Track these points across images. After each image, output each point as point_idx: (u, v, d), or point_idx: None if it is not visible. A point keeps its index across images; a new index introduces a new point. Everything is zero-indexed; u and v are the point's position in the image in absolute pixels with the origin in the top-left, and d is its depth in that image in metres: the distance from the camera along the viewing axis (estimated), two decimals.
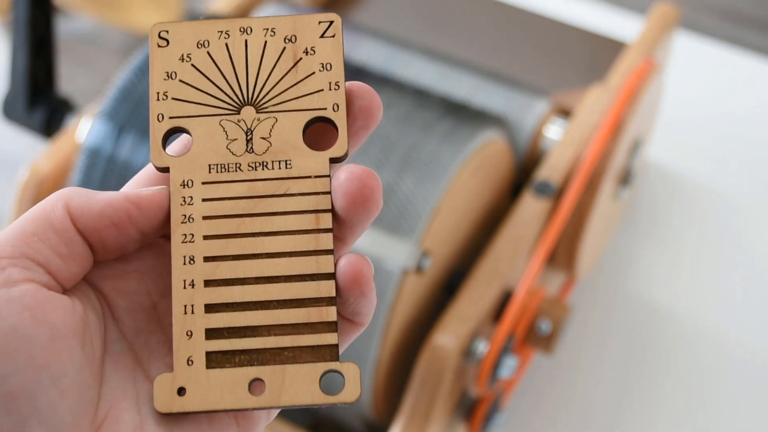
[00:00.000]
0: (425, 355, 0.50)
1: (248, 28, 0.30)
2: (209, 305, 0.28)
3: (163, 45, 0.30)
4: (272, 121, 0.29)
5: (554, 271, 0.63)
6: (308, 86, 0.30)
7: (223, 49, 0.30)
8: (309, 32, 0.30)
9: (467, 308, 0.52)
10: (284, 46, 0.30)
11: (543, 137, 0.63)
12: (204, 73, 0.30)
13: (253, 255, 0.28)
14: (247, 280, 0.28)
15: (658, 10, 0.70)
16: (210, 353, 0.28)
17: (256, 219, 0.29)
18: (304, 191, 0.29)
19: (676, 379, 0.67)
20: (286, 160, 0.29)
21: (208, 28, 0.30)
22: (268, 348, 0.28)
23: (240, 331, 0.28)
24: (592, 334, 0.69)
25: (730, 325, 0.71)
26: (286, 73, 0.30)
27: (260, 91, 0.30)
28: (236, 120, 0.29)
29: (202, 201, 0.29)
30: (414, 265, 0.50)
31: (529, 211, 0.56)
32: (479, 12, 0.78)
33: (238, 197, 0.29)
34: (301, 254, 0.28)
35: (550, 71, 0.73)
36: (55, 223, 0.27)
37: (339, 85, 0.29)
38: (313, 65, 0.30)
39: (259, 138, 0.29)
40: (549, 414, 0.65)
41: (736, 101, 0.87)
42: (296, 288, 0.28)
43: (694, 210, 0.78)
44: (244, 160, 0.29)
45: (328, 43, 0.30)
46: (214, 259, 0.28)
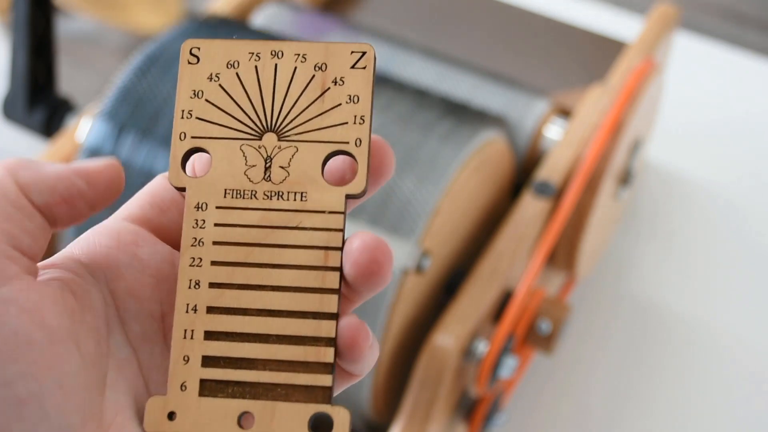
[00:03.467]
0: (425, 355, 0.50)
1: (280, 52, 0.29)
2: (209, 332, 0.28)
3: (193, 62, 0.29)
4: (293, 150, 0.29)
5: (554, 271, 0.63)
6: (333, 118, 0.29)
7: (252, 72, 0.29)
8: (340, 61, 0.29)
9: (467, 308, 0.52)
10: (314, 73, 0.29)
11: (543, 137, 0.63)
12: (230, 95, 0.29)
13: (258, 286, 0.28)
14: (250, 311, 0.28)
15: (658, 10, 0.70)
16: (204, 381, 0.28)
17: (266, 250, 0.28)
18: (316, 226, 0.28)
19: (676, 378, 0.67)
20: (302, 192, 0.29)
21: (240, 49, 0.29)
22: (262, 382, 0.28)
23: (236, 362, 0.28)
24: (592, 334, 0.69)
25: (730, 324, 0.71)
26: (312, 102, 0.29)
27: (284, 118, 0.29)
28: (257, 146, 0.29)
29: (214, 225, 0.28)
30: (414, 265, 0.50)
31: (529, 211, 0.56)
32: (479, 12, 0.78)
33: (250, 225, 0.28)
34: (306, 290, 0.28)
35: (550, 71, 0.73)
36: (11, 198, 0.26)
37: (364, 119, 0.29)
38: (341, 96, 0.29)
39: (277, 167, 0.29)
40: (549, 414, 0.65)
41: (736, 101, 0.87)
42: (297, 324, 0.28)
43: (694, 210, 0.78)
44: (261, 188, 0.29)
45: (358, 75, 0.29)
46: (219, 286, 0.28)
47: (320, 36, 0.67)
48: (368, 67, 0.29)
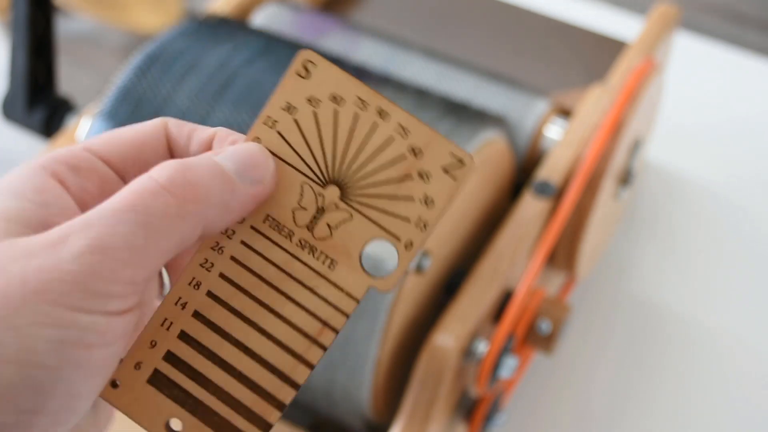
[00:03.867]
0: (425, 355, 0.50)
1: (386, 114, 0.28)
2: (185, 334, 0.28)
3: (302, 75, 0.28)
4: (347, 215, 0.28)
5: (554, 271, 0.63)
6: (400, 208, 0.28)
7: (350, 118, 0.28)
8: (436, 156, 0.28)
9: (467, 308, 0.52)
10: (405, 154, 0.28)
11: (543, 137, 0.63)
12: (320, 128, 0.28)
13: (249, 321, 0.28)
14: (230, 338, 0.28)
15: (658, 10, 0.70)
16: (158, 372, 0.28)
17: (273, 293, 0.28)
18: (328, 299, 0.28)
19: (676, 378, 0.67)
20: (334, 260, 0.28)
21: (351, 88, 0.28)
22: (206, 405, 0.28)
23: (194, 374, 0.28)
24: (592, 334, 0.69)
25: (731, 324, 0.71)
26: (389, 181, 0.28)
27: (356, 180, 0.28)
28: (317, 192, 0.28)
29: (240, 242, 0.28)
30: (414, 265, 0.50)
31: (529, 211, 0.56)
32: (479, 12, 0.78)
33: (271, 262, 0.28)
34: (287, 351, 0.28)
35: (550, 71, 0.73)
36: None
37: (427, 227, 0.28)
38: (419, 191, 0.28)
39: (325, 223, 0.28)
40: (549, 414, 0.65)
41: (737, 101, 0.87)
42: (263, 375, 0.28)
43: (694, 210, 0.78)
44: (300, 233, 0.28)
45: (445, 181, 0.28)
46: (215, 299, 0.28)
47: (320, 36, 0.67)
48: (459, 179, 0.28)
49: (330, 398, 0.54)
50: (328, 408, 0.55)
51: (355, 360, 0.52)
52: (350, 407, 0.54)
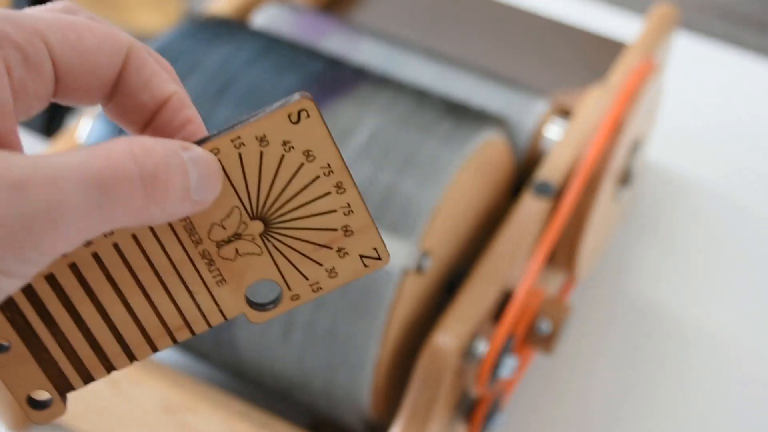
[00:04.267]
0: (425, 355, 0.50)
1: (342, 190, 0.28)
2: (53, 277, 0.27)
3: (292, 119, 0.27)
4: (258, 250, 0.29)
5: (554, 271, 0.63)
6: (306, 267, 0.29)
7: (309, 177, 0.28)
8: (362, 243, 0.29)
9: (467, 308, 0.52)
10: (338, 229, 0.29)
11: (543, 137, 0.63)
12: (278, 170, 0.28)
13: (120, 293, 0.28)
14: (95, 299, 0.28)
15: (658, 10, 0.70)
16: (9, 297, 0.27)
17: (154, 280, 0.28)
18: (201, 306, 0.29)
19: (676, 379, 0.67)
20: (223, 279, 0.29)
21: (327, 153, 0.28)
22: (41, 341, 0.28)
23: (44, 313, 0.28)
24: (592, 334, 0.69)
25: (731, 325, 0.71)
26: (310, 243, 0.29)
27: (283, 228, 0.28)
28: (243, 220, 0.28)
29: (148, 227, 0.28)
30: (414, 265, 0.50)
31: (529, 211, 0.56)
32: (479, 12, 0.78)
33: (167, 255, 0.28)
34: (141, 330, 0.29)
35: (550, 71, 0.73)
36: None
37: (319, 291, 0.29)
38: (328, 262, 0.29)
39: (234, 248, 0.28)
40: (549, 414, 0.65)
41: (736, 101, 0.87)
42: (107, 338, 0.28)
43: (694, 210, 0.78)
44: (207, 245, 0.28)
45: (357, 265, 0.29)
46: (99, 262, 0.28)
47: (320, 36, 0.67)
48: (369, 268, 0.29)
49: (330, 398, 0.54)
50: (328, 408, 0.55)
51: (355, 360, 0.52)
52: (350, 407, 0.54)
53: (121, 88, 0.28)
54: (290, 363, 0.54)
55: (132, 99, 0.28)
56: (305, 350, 0.53)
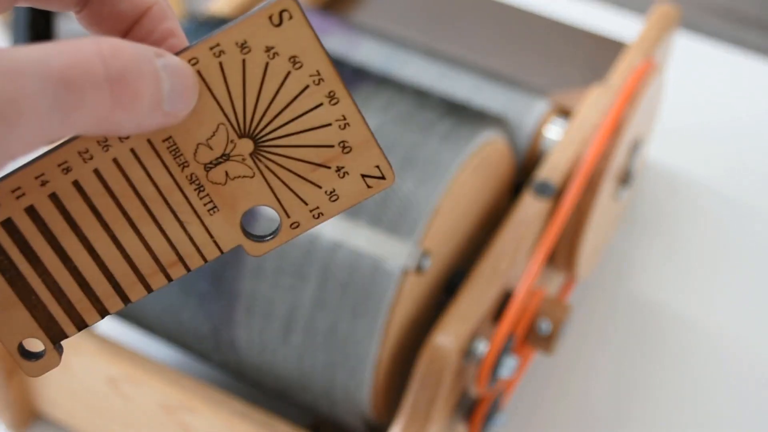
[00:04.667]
0: (425, 355, 0.50)
1: (335, 99, 0.26)
2: (33, 209, 0.26)
3: (274, 22, 0.25)
4: (249, 172, 0.26)
5: (554, 271, 0.63)
6: (304, 189, 0.27)
7: (298, 86, 0.26)
8: (363, 160, 0.27)
9: (467, 308, 0.52)
10: (334, 145, 0.26)
11: (543, 137, 0.63)
12: (264, 80, 0.26)
13: (105, 225, 0.26)
14: (79, 232, 0.26)
15: (658, 10, 0.70)
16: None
17: (141, 210, 0.26)
18: (194, 238, 0.27)
19: (676, 379, 0.67)
20: (215, 208, 0.27)
21: (315, 58, 0.26)
22: (27, 282, 0.26)
23: (27, 250, 0.26)
24: (592, 334, 0.69)
25: (732, 324, 0.71)
26: (305, 161, 0.26)
27: (273, 145, 0.26)
28: (231, 138, 0.26)
29: (129, 149, 0.26)
30: (414, 265, 0.50)
31: (529, 211, 0.56)
32: (479, 12, 0.78)
33: (152, 181, 0.26)
34: (132, 266, 0.27)
35: (550, 71, 0.73)
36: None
37: (320, 217, 0.27)
38: (328, 183, 0.27)
39: (224, 170, 0.26)
40: (549, 414, 0.65)
41: (737, 101, 0.87)
42: (97, 277, 0.27)
43: (694, 210, 0.78)
44: (194, 168, 0.26)
45: (359, 186, 0.27)
46: (80, 191, 0.26)
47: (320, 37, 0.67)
48: (373, 189, 0.27)
49: (330, 398, 0.54)
50: (328, 408, 0.55)
51: (355, 360, 0.52)
52: (350, 407, 0.54)
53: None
54: (290, 363, 0.54)
55: (108, 6, 0.26)
56: (305, 350, 0.53)
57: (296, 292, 0.51)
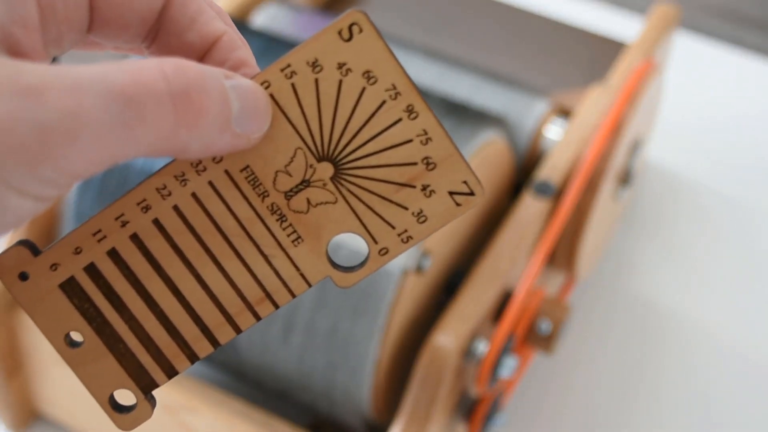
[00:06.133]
0: (425, 355, 0.50)
1: (414, 114, 0.25)
2: (115, 251, 0.25)
3: (344, 36, 0.24)
4: (332, 198, 0.25)
5: (554, 271, 0.63)
6: (390, 212, 0.25)
7: (375, 103, 0.25)
8: (449, 177, 0.25)
9: (467, 308, 0.52)
10: (418, 162, 0.25)
11: (543, 137, 0.63)
12: (338, 98, 0.25)
13: (188, 263, 0.26)
14: (163, 273, 0.26)
15: (658, 10, 0.70)
16: (74, 279, 0.25)
17: (224, 246, 0.26)
18: (280, 273, 0.26)
19: (677, 379, 0.67)
20: (299, 237, 0.26)
21: (390, 72, 0.25)
22: (115, 329, 0.26)
23: (112, 295, 0.26)
24: (592, 334, 0.69)
25: (732, 324, 0.71)
26: (388, 182, 0.25)
27: (354, 167, 0.25)
28: (310, 163, 0.25)
29: (207, 182, 0.25)
30: (414, 265, 0.50)
31: (529, 211, 0.56)
32: (479, 12, 0.78)
33: (233, 214, 0.25)
34: (219, 307, 0.26)
35: (550, 71, 0.73)
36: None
37: (410, 241, 0.26)
38: (414, 204, 0.25)
39: (305, 198, 0.25)
40: (549, 414, 0.65)
41: (737, 101, 0.87)
42: (184, 321, 0.26)
43: (694, 210, 0.78)
44: (275, 198, 0.25)
45: (448, 205, 0.25)
46: (160, 229, 0.25)
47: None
48: (463, 208, 0.25)
49: (330, 398, 0.54)
50: (328, 408, 0.55)
51: (355, 360, 0.52)
52: (350, 407, 0.54)
53: (164, 27, 0.26)
54: (290, 363, 0.54)
55: (177, 39, 0.26)
56: (305, 350, 0.53)
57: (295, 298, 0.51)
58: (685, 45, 0.89)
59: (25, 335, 0.56)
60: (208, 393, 0.54)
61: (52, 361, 0.56)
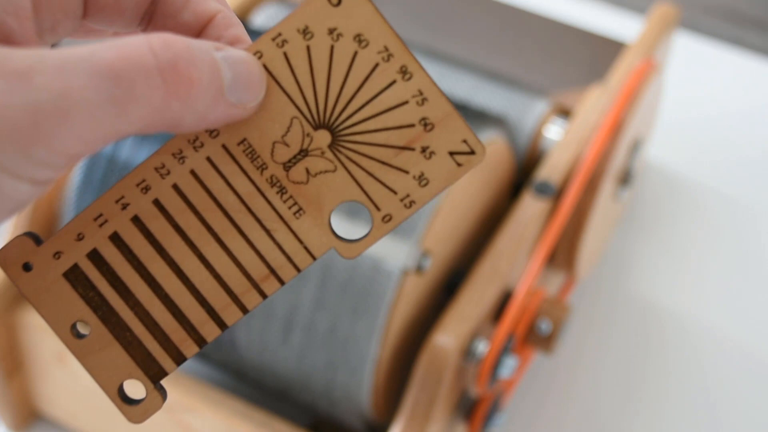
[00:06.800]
0: (425, 355, 0.50)
1: (408, 74, 0.25)
2: (117, 235, 0.25)
3: (332, 1, 0.24)
4: (331, 166, 0.25)
5: (554, 271, 0.63)
6: (390, 177, 0.25)
7: (368, 66, 0.25)
8: (448, 137, 0.25)
9: (467, 308, 0.52)
10: (415, 124, 0.25)
11: (543, 137, 0.63)
12: (331, 64, 0.24)
13: (191, 243, 0.26)
14: (166, 255, 0.26)
15: (658, 10, 0.70)
16: (77, 267, 0.25)
17: (225, 222, 0.25)
18: (284, 247, 0.26)
19: (677, 379, 0.67)
20: (301, 210, 0.25)
21: (381, 34, 0.25)
22: (120, 318, 0.26)
23: (116, 281, 0.25)
24: (592, 334, 0.69)
25: (732, 324, 0.71)
26: (387, 146, 0.25)
27: (351, 133, 0.25)
28: (306, 131, 0.25)
29: (205, 158, 0.25)
30: (414, 265, 0.50)
31: (529, 211, 0.56)
32: (479, 12, 0.78)
33: (233, 189, 0.25)
34: (224, 287, 0.26)
35: (550, 71, 0.73)
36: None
37: (413, 205, 0.25)
38: (415, 167, 0.25)
39: (304, 167, 0.25)
40: (549, 414, 0.65)
41: (737, 101, 0.87)
42: (191, 305, 0.26)
43: (694, 210, 0.78)
44: (273, 169, 0.25)
45: (449, 165, 0.25)
46: (161, 210, 0.25)
47: None
48: (464, 167, 0.25)
49: (330, 398, 0.54)
50: (328, 408, 0.55)
51: (355, 360, 0.52)
52: (350, 407, 0.54)
53: (159, 8, 0.26)
54: (290, 363, 0.54)
55: (172, 20, 0.26)
56: (305, 350, 0.53)
57: (296, 292, 0.51)
58: (685, 45, 0.89)
59: (25, 335, 0.56)
60: (208, 393, 0.54)
61: (52, 361, 0.56)
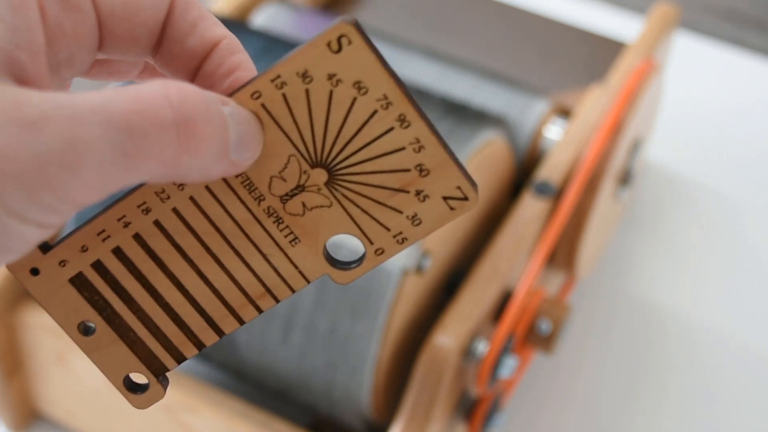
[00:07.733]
0: (425, 355, 0.50)
1: (406, 123, 0.25)
2: (119, 250, 0.26)
3: (333, 48, 0.24)
4: (326, 202, 0.26)
5: (554, 271, 0.63)
6: (384, 215, 0.26)
7: (366, 112, 0.25)
8: (442, 182, 0.25)
9: (467, 308, 0.52)
10: (411, 169, 0.25)
11: (543, 137, 0.63)
12: (330, 108, 0.25)
13: (190, 261, 0.27)
14: (166, 269, 0.27)
15: (658, 10, 0.70)
16: (82, 274, 0.26)
17: (224, 245, 0.26)
18: (279, 270, 0.27)
19: (677, 378, 0.67)
20: (296, 239, 0.26)
21: (381, 82, 0.25)
22: (124, 319, 0.27)
23: (119, 289, 0.27)
24: (592, 334, 0.69)
25: (733, 324, 0.71)
26: (382, 188, 0.26)
27: (348, 173, 0.26)
28: (303, 169, 0.25)
29: (204, 187, 0.26)
30: (414, 265, 0.50)
31: (529, 211, 0.56)
32: (479, 12, 0.78)
33: (231, 216, 0.26)
34: (222, 300, 0.27)
35: (550, 71, 0.73)
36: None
37: (405, 242, 0.26)
38: (408, 208, 0.26)
39: (300, 201, 0.26)
40: (549, 414, 0.65)
41: (737, 101, 0.87)
42: (189, 312, 0.27)
43: (694, 210, 0.78)
44: (271, 201, 0.26)
45: (442, 209, 0.26)
46: (162, 230, 0.26)
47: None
48: (456, 212, 0.26)
49: (330, 398, 0.54)
50: (328, 408, 0.55)
51: (355, 360, 0.52)
52: (350, 407, 0.54)
53: (167, 34, 0.26)
54: (290, 363, 0.54)
55: (179, 45, 0.26)
56: (305, 350, 0.53)
57: (296, 292, 0.51)
58: (685, 45, 0.89)
59: (25, 335, 0.56)
60: (208, 393, 0.54)
61: (52, 361, 0.56)
